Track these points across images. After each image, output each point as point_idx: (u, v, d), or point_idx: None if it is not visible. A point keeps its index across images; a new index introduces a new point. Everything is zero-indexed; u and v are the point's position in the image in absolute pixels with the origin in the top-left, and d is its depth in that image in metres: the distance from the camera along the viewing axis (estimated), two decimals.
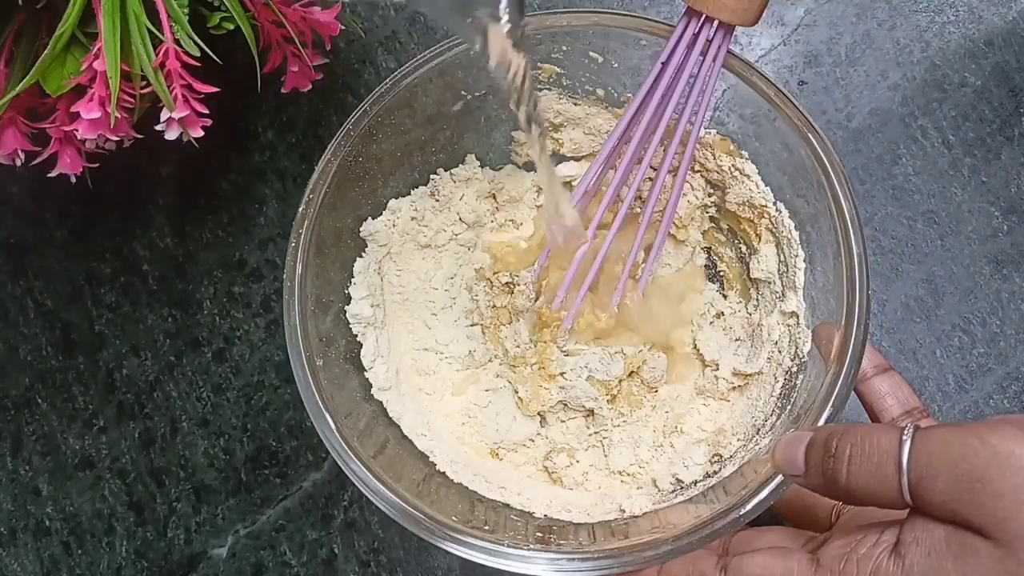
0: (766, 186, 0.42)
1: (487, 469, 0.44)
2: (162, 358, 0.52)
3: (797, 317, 0.41)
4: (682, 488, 0.41)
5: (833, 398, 0.36)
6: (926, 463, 0.28)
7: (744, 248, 0.46)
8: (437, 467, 0.42)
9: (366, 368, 0.43)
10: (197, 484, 0.51)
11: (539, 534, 0.39)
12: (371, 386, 0.43)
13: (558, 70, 0.44)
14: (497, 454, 0.45)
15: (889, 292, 0.48)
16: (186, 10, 0.39)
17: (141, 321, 0.52)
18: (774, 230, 0.43)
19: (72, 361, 0.52)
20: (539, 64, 0.43)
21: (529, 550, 0.36)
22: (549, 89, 0.45)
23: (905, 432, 0.29)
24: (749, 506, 0.35)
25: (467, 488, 0.42)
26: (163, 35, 0.39)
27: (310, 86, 0.46)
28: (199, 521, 0.50)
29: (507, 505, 0.41)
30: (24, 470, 0.52)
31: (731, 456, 0.41)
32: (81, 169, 0.44)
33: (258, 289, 0.52)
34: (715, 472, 0.41)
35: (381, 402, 0.43)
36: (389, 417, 0.43)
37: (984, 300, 0.48)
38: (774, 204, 0.42)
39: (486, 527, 0.38)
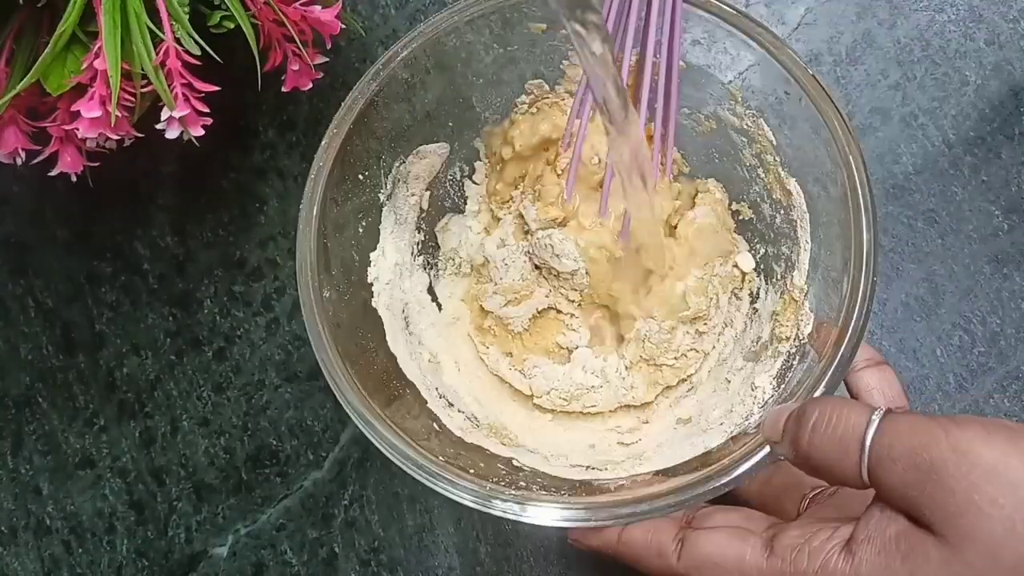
0: (784, 168, 0.43)
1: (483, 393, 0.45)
2: (162, 357, 0.52)
3: (802, 298, 0.41)
4: (669, 455, 0.41)
5: (827, 379, 0.36)
6: (888, 445, 0.28)
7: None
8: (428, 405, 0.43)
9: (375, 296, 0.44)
10: (198, 483, 0.51)
11: (522, 483, 0.39)
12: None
13: None
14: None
15: (889, 291, 0.48)
16: (186, 9, 0.39)
17: (142, 320, 0.52)
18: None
19: (73, 360, 0.52)
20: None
21: (513, 499, 0.36)
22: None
23: (875, 413, 0.29)
24: (728, 477, 0.35)
25: (462, 440, 0.42)
26: (163, 34, 0.39)
27: (311, 85, 0.46)
28: (200, 520, 0.50)
29: (495, 454, 0.42)
30: (25, 469, 0.52)
31: (721, 427, 0.41)
32: (82, 168, 0.44)
33: (258, 288, 0.52)
34: (703, 442, 0.41)
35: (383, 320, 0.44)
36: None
37: (984, 299, 0.48)
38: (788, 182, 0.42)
39: (471, 472, 0.38)
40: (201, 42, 0.40)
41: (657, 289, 0.45)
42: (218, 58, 0.40)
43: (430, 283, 0.48)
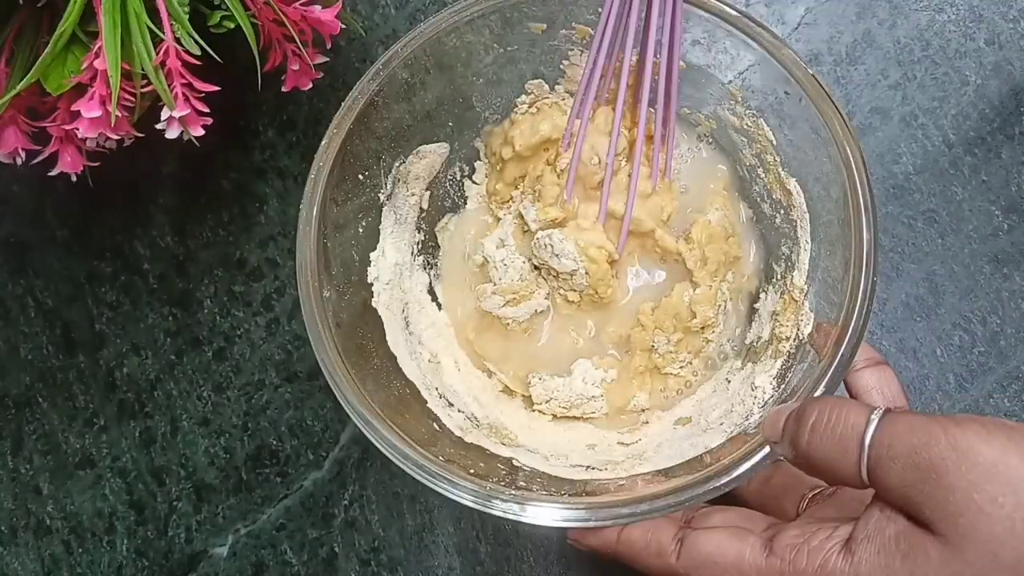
0: (783, 169, 0.42)
1: (478, 391, 0.45)
2: (162, 357, 0.52)
3: (802, 298, 0.41)
4: (669, 455, 0.41)
5: (827, 379, 0.36)
6: (888, 444, 0.28)
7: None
8: (427, 403, 0.43)
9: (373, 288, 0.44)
10: (198, 483, 0.51)
11: (522, 483, 0.39)
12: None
13: (591, 31, 0.43)
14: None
15: (889, 291, 0.48)
16: (187, 8, 0.39)
17: (142, 320, 0.52)
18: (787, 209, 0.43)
19: (73, 360, 0.52)
20: (573, 24, 0.43)
21: (513, 499, 0.36)
22: (582, 51, 0.45)
23: (875, 412, 0.29)
24: (728, 477, 0.35)
25: (460, 437, 0.42)
26: (163, 34, 0.39)
27: (311, 85, 0.46)
28: (200, 520, 0.50)
29: (495, 454, 0.42)
30: (25, 469, 0.52)
31: (721, 427, 0.41)
32: (82, 168, 0.44)
33: (258, 288, 0.52)
34: (703, 442, 0.41)
35: (382, 318, 0.44)
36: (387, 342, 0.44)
37: (984, 299, 0.48)
38: (788, 182, 0.42)
39: (471, 471, 0.38)
40: (201, 42, 0.39)
41: (666, 301, 0.45)
42: (218, 58, 0.40)
43: (430, 283, 0.48)
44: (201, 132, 0.41)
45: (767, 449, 0.35)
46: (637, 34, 0.42)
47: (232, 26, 0.41)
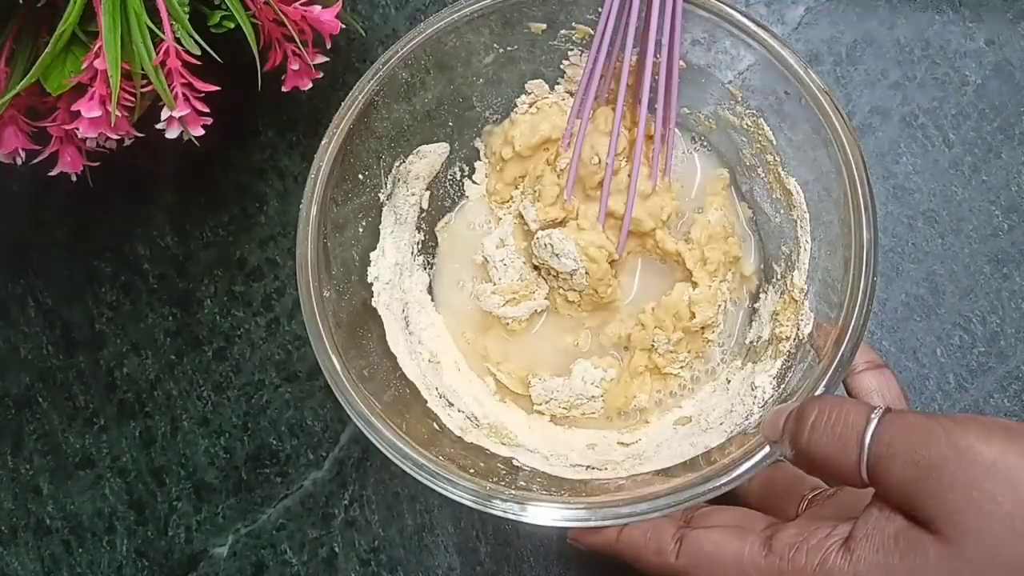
0: (783, 169, 0.43)
1: (480, 397, 0.45)
2: (162, 357, 0.52)
3: (802, 298, 0.41)
4: (669, 455, 0.41)
5: (827, 379, 0.36)
6: (888, 443, 0.28)
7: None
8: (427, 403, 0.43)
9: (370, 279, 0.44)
10: (198, 483, 0.51)
11: (522, 483, 0.39)
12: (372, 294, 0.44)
13: (591, 31, 0.43)
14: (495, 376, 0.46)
15: (889, 291, 0.48)
16: (186, 9, 0.39)
17: (142, 320, 0.52)
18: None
19: (73, 360, 0.52)
20: (573, 24, 0.43)
21: (513, 499, 0.36)
22: (582, 51, 0.45)
23: (874, 412, 0.29)
24: (728, 477, 0.35)
25: (460, 437, 0.42)
26: (163, 34, 0.39)
27: (310, 85, 0.46)
28: (200, 520, 0.50)
29: (495, 454, 0.42)
30: (25, 469, 0.52)
31: (721, 427, 0.41)
32: (82, 168, 0.44)
33: (258, 288, 0.52)
34: (703, 442, 0.41)
35: (376, 307, 0.44)
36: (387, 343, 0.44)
37: (984, 299, 0.48)
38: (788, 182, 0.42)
39: (471, 471, 0.38)
40: (201, 42, 0.40)
41: (666, 301, 0.45)
42: (218, 58, 0.40)
43: (430, 283, 0.48)
44: (201, 132, 0.41)
45: (767, 449, 0.35)
46: (637, 34, 0.42)
47: (232, 26, 0.41)
